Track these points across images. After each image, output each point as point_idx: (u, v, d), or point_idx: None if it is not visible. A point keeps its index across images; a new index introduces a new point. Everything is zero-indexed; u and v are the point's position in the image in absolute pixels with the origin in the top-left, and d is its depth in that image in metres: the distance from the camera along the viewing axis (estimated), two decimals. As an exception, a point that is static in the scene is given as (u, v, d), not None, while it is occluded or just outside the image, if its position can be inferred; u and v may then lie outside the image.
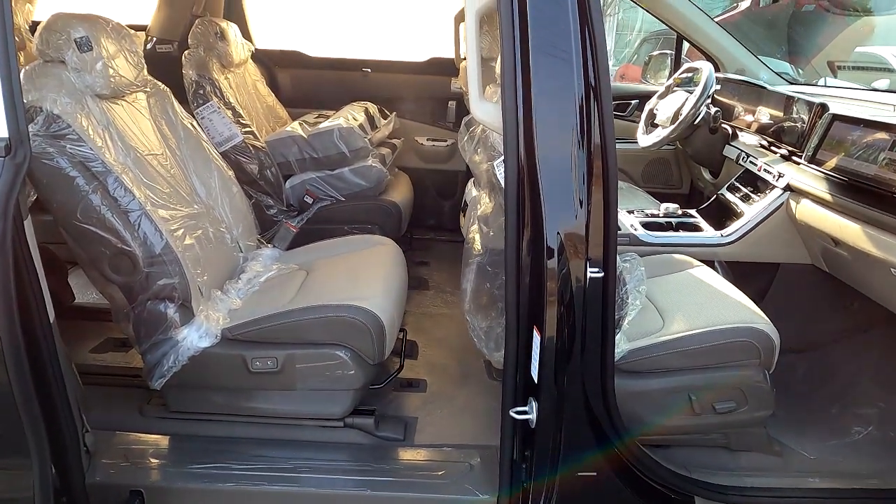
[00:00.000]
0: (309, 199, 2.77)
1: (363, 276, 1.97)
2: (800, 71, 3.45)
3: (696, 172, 3.21)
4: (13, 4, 2.78)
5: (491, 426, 1.97)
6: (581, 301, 1.37)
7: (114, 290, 1.70)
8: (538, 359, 1.39)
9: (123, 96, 1.85)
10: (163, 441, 1.81)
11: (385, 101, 3.40)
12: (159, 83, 2.05)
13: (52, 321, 1.45)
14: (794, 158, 2.22)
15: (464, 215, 2.52)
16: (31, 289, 1.34)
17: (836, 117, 2.01)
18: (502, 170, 1.60)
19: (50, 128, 1.51)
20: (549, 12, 1.30)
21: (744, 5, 5.79)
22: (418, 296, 2.87)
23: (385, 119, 3.25)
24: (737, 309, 1.85)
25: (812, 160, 2.07)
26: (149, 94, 1.98)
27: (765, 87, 2.70)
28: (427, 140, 3.52)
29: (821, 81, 3.10)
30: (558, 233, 1.33)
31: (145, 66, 1.89)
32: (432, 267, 3.22)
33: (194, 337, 1.69)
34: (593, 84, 1.31)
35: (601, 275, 1.38)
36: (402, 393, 2.12)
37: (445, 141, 3.52)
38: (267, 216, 2.75)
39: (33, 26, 2.97)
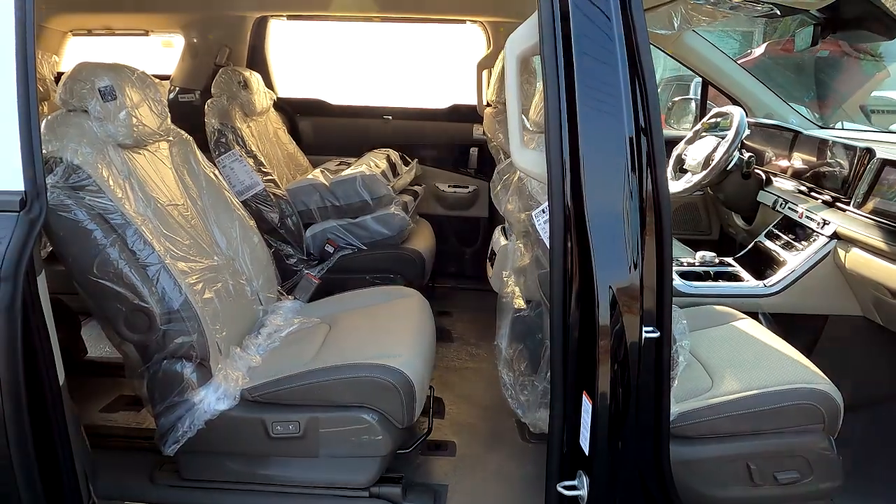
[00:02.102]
0: (330, 248, 2.69)
1: (390, 332, 1.86)
2: (816, 115, 3.40)
3: (727, 218, 3.11)
4: (40, 56, 2.81)
5: (528, 494, 1.82)
6: (636, 364, 1.25)
7: (128, 348, 1.60)
8: (590, 428, 1.26)
9: (146, 145, 1.80)
10: (174, 512, 1.68)
11: (406, 147, 3.37)
12: (182, 132, 2.00)
13: (61, 384, 1.35)
14: (839, 205, 2.13)
15: (491, 265, 2.42)
16: (40, 350, 1.24)
17: (886, 162, 1.92)
18: (542, 220, 1.52)
19: (69, 178, 1.45)
20: (595, 54, 1.22)
21: (758, 52, 5.84)
22: (442, 348, 2.74)
23: (406, 166, 3.20)
24: (794, 368, 1.71)
25: (861, 207, 1.97)
26: (171, 143, 1.94)
27: (800, 132, 2.62)
28: (449, 186, 3.46)
29: (838, 125, 3.05)
30: (610, 287, 1.22)
31: (169, 114, 1.85)
32: (455, 317, 3.11)
33: (212, 399, 1.58)
34: (644, 127, 1.23)
35: (657, 335, 1.27)
36: (429, 457, 1.97)
37: (467, 187, 3.46)
38: (287, 265, 2.67)
39: (59, 77, 3.00)
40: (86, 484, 1.48)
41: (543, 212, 1.51)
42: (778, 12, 2.04)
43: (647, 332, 1.25)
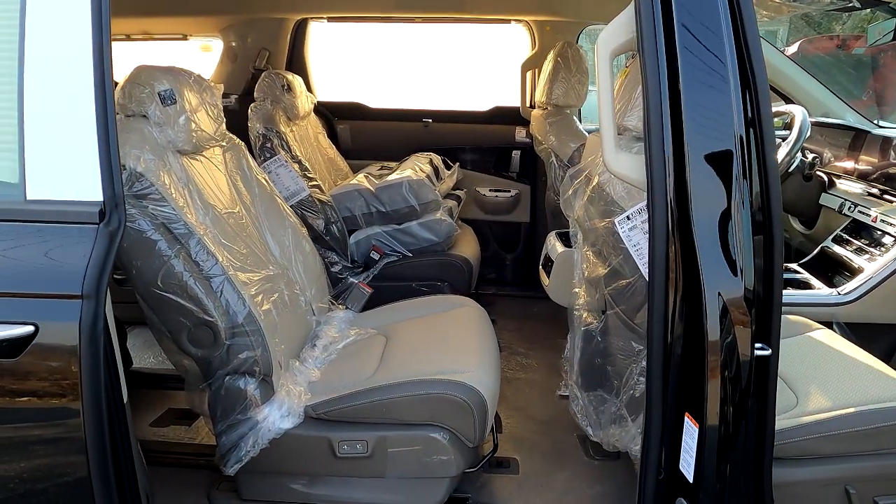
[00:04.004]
0: (375, 255, 2.61)
1: (453, 344, 1.77)
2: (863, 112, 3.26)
3: (783, 222, 2.98)
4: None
5: (603, 518, 1.72)
6: (748, 385, 1.15)
7: (188, 362, 1.53)
8: (695, 453, 1.17)
9: (202, 151, 1.73)
10: (234, 534, 1.60)
11: (446, 151, 3.29)
12: (234, 137, 1.94)
13: (125, 402, 1.29)
14: (920, 208, 2.01)
15: (546, 273, 2.33)
16: (108, 368, 1.17)
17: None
18: (627, 227, 1.42)
19: (133, 187, 1.38)
20: (701, 44, 1.13)
21: (791, 50, 5.70)
22: (490, 358, 2.65)
23: (449, 170, 3.12)
24: (887, 383, 1.60)
25: (950, 210, 1.85)
26: (224, 149, 1.87)
27: (867, 132, 2.50)
28: (489, 191, 3.37)
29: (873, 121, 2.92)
30: (720, 296, 1.13)
31: (224, 119, 1.79)
32: (500, 325, 3.01)
33: (276, 416, 1.50)
34: (754, 122, 1.14)
35: (767, 352, 1.17)
36: (493, 475, 1.88)
37: (508, 191, 3.37)
38: (331, 273, 2.59)
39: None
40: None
41: (628, 218, 1.42)
42: (858, 4, 1.94)
43: (757, 349, 1.16)
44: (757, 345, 1.16)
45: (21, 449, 1.06)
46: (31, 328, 0.97)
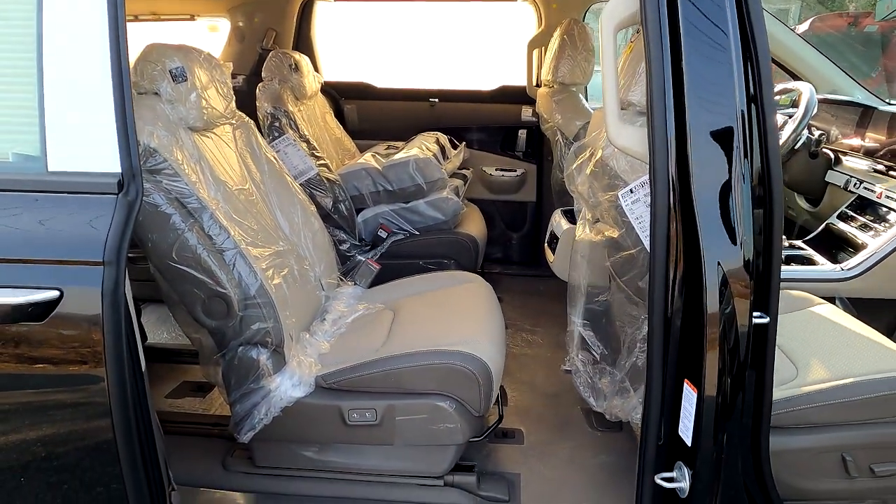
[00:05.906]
0: (383, 234, 2.65)
1: (460, 318, 1.81)
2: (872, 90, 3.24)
3: (788, 200, 2.99)
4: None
5: (604, 483, 1.77)
6: (745, 351, 1.18)
7: (203, 335, 1.58)
8: (693, 418, 1.21)
9: (213, 128, 1.76)
10: (248, 500, 1.66)
11: (453, 131, 3.30)
12: (244, 115, 1.97)
13: (144, 370, 1.34)
14: (925, 184, 2.01)
15: (551, 250, 2.36)
16: (127, 337, 1.22)
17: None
18: (630, 200, 1.45)
19: (147, 162, 1.42)
20: (704, 20, 1.15)
21: (802, 28, 5.64)
22: (496, 334, 2.69)
23: (455, 149, 3.14)
24: (886, 355, 1.63)
25: (955, 185, 1.86)
26: (234, 126, 1.90)
27: (874, 108, 2.50)
28: (496, 170, 3.39)
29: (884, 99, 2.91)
30: (719, 265, 1.16)
31: (234, 97, 1.82)
32: (506, 303, 3.05)
33: (287, 386, 1.55)
34: (755, 96, 1.16)
35: (765, 320, 1.20)
36: (498, 445, 1.93)
37: (515, 171, 3.38)
38: (339, 251, 2.63)
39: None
40: (166, 470, 1.47)
41: (631, 192, 1.44)
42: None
43: (756, 317, 1.19)
44: (755, 313, 1.19)
45: (49, 410, 1.11)
46: (56, 293, 1.01)
